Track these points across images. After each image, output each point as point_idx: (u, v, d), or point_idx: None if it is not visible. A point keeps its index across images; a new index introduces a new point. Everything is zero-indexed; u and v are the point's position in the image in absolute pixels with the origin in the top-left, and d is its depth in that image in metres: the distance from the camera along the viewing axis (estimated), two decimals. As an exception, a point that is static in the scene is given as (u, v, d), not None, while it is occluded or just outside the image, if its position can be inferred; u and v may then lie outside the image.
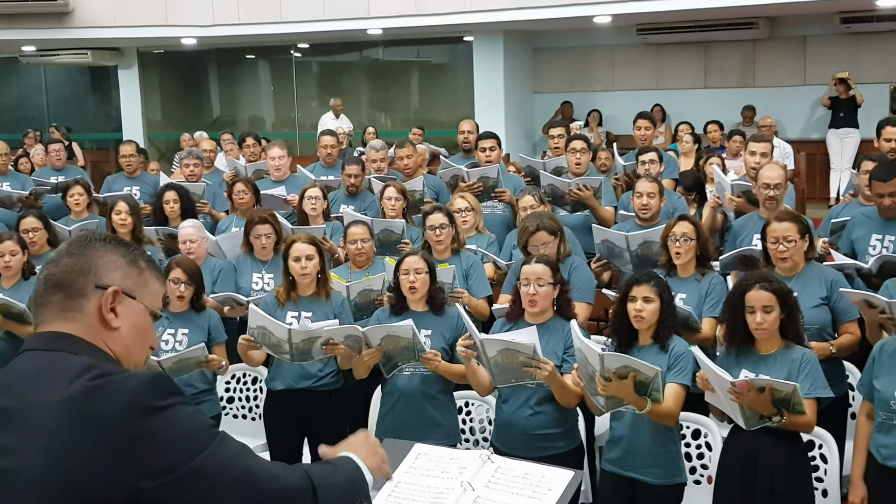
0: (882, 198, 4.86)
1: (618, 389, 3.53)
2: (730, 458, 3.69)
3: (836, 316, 4.32)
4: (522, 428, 3.83)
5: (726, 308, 3.78)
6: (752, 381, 3.42)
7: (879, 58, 12.21)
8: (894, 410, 3.45)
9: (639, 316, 3.73)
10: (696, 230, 4.57)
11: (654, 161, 6.34)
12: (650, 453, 3.68)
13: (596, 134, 12.89)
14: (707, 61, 13.48)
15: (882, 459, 3.50)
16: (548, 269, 3.93)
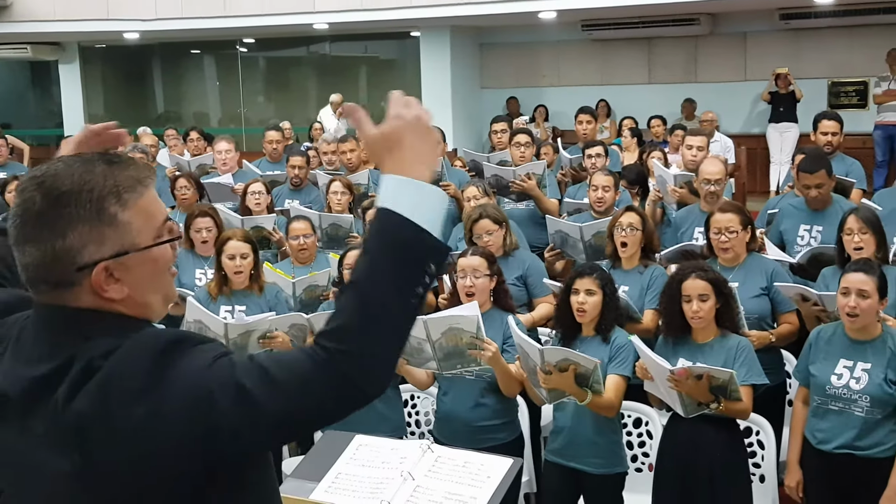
0: (809, 189, 4.99)
1: (559, 382, 3.58)
2: (670, 446, 3.75)
3: (775, 306, 4.41)
4: (464, 420, 3.84)
5: (663, 297, 3.84)
6: (690, 369, 3.48)
7: (818, 54, 12.45)
8: (829, 395, 3.53)
9: (581, 309, 3.78)
10: (643, 221, 4.64)
11: (600, 155, 6.41)
12: (592, 443, 3.73)
13: (542, 129, 12.98)
14: (651, 57, 13.63)
15: (817, 443, 3.58)
16: (483, 261, 3.95)
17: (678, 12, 12.38)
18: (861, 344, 3.53)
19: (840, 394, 3.51)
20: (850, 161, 6.07)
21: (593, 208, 5.57)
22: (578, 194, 6.34)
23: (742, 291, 4.29)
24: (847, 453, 3.48)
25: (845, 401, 3.50)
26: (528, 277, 4.80)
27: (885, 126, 10.88)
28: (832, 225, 4.88)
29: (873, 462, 3.44)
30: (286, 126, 11.50)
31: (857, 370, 3.48)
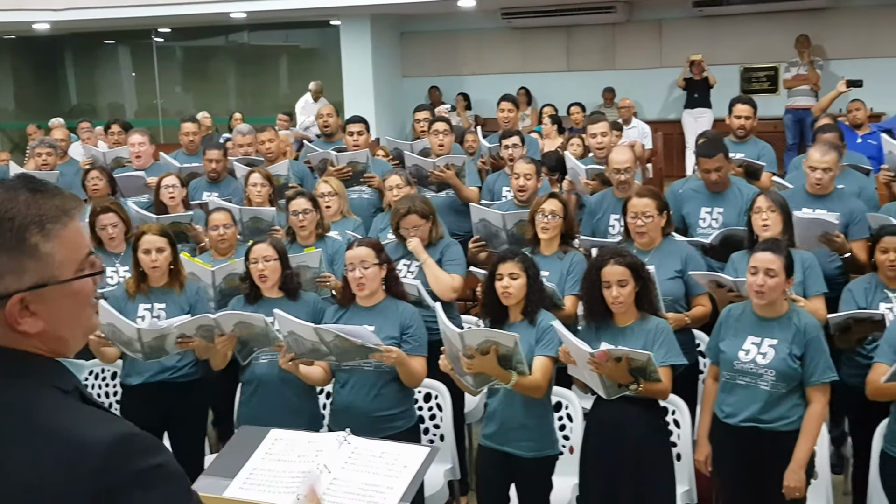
0: (708, 173, 5.12)
1: (482, 365, 3.61)
2: (595, 429, 3.82)
3: (688, 289, 4.52)
4: (363, 410, 3.84)
5: (584, 284, 3.90)
6: (609, 352, 3.55)
7: (731, 41, 12.72)
8: (737, 370, 3.63)
9: (506, 292, 3.81)
10: (564, 208, 4.70)
11: (516, 144, 6.46)
12: (524, 427, 3.77)
13: (464, 117, 13.02)
14: (570, 45, 13.76)
15: (724, 417, 3.68)
16: (371, 251, 3.96)
17: (595, 0, 12.52)
18: (768, 321, 3.63)
19: (747, 368, 3.61)
20: (762, 144, 6.22)
21: (515, 197, 5.61)
22: (497, 183, 6.38)
23: (658, 274, 4.36)
24: (753, 426, 3.58)
25: (752, 375, 3.59)
26: (443, 258, 4.87)
27: (794, 110, 11.18)
28: (733, 206, 5.03)
29: (778, 435, 3.55)
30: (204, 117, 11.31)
31: (764, 346, 3.59)
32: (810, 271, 4.37)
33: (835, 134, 5.65)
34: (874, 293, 4.14)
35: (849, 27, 12.17)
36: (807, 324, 3.59)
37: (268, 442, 2.49)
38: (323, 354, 3.81)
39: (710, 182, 5.18)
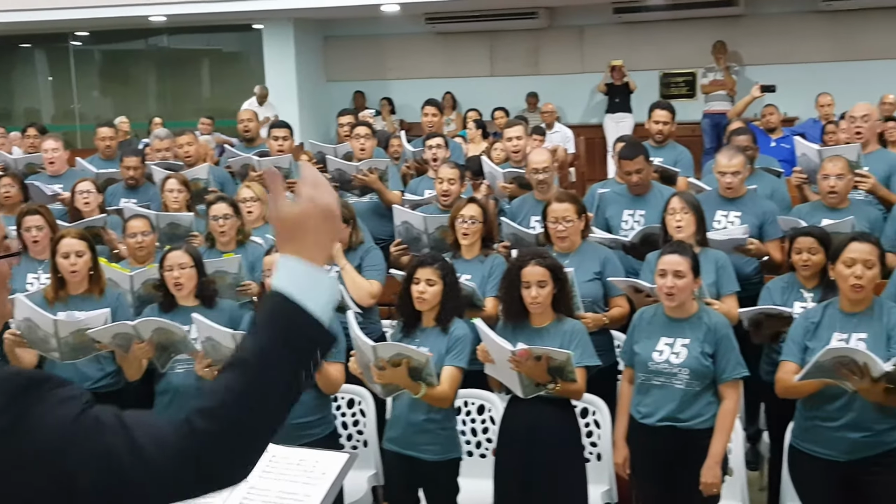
0: (629, 175, 5.22)
1: (392, 377, 3.65)
2: (510, 429, 3.86)
3: (607, 290, 4.59)
4: None
5: (503, 284, 3.94)
6: (531, 350, 3.59)
7: (650, 47, 12.94)
8: (651, 371, 3.70)
9: (421, 297, 3.82)
10: (483, 213, 4.74)
11: (440, 145, 6.47)
12: (427, 431, 3.80)
13: (389, 122, 13.01)
14: (493, 50, 13.86)
15: (640, 419, 3.74)
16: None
17: (518, 6, 12.65)
18: (680, 322, 3.71)
19: (661, 369, 3.67)
20: (680, 149, 6.34)
21: (439, 201, 5.63)
22: (420, 187, 6.39)
23: (577, 276, 4.44)
24: (669, 425, 3.65)
25: (666, 375, 3.66)
26: (363, 263, 4.88)
27: (712, 115, 11.43)
28: (654, 208, 5.13)
29: (694, 433, 3.62)
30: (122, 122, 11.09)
31: (677, 346, 3.66)
32: (723, 271, 4.48)
33: (747, 137, 5.80)
34: (790, 292, 4.25)
35: (763, 34, 12.50)
36: (717, 322, 3.67)
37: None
38: None
39: (632, 184, 5.27)
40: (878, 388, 3.27)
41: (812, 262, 4.15)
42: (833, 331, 3.50)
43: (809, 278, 4.20)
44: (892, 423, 3.42)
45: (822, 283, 4.14)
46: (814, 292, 4.18)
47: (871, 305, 3.50)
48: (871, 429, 3.41)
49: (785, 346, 3.67)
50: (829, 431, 3.47)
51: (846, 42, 12.24)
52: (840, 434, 3.44)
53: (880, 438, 3.41)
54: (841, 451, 3.45)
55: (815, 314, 3.62)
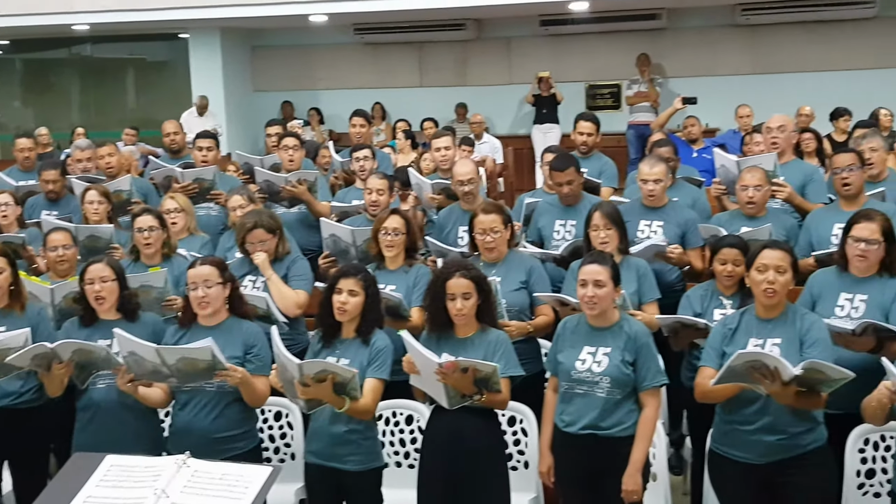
0: (560, 186, 5.29)
1: (317, 392, 3.64)
2: (434, 438, 3.87)
3: (533, 299, 4.64)
4: (203, 432, 3.79)
5: (428, 295, 3.95)
6: (458, 362, 3.61)
7: (576, 58, 13.15)
8: (574, 379, 3.74)
9: (342, 308, 3.83)
10: (406, 224, 4.75)
11: (367, 157, 6.47)
12: (349, 442, 3.79)
13: (318, 132, 12.97)
14: (422, 61, 13.92)
15: (564, 427, 3.77)
16: (214, 270, 3.91)
17: (446, 17, 12.73)
18: (601, 330, 3.76)
19: (584, 378, 3.72)
20: (604, 160, 6.45)
21: (368, 212, 5.63)
22: (347, 197, 6.39)
23: (503, 286, 4.51)
24: (591, 433, 3.69)
25: (588, 384, 3.71)
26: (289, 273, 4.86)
27: (636, 125, 11.64)
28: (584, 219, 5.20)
29: (616, 441, 3.67)
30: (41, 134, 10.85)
31: (599, 354, 3.71)
32: (644, 279, 4.57)
33: (669, 148, 5.93)
34: (710, 300, 4.35)
35: (685, 47, 12.79)
36: (637, 331, 3.73)
37: (102, 469, 2.42)
38: (164, 376, 3.72)
39: (562, 195, 5.34)
40: (790, 392, 3.35)
41: (736, 273, 4.26)
42: (749, 336, 3.59)
43: (729, 287, 4.30)
44: (806, 425, 3.51)
45: (740, 291, 4.25)
46: (733, 300, 4.28)
47: (786, 311, 3.60)
48: (786, 432, 3.49)
49: (703, 352, 3.76)
50: (745, 435, 3.54)
51: (764, 55, 12.61)
52: (756, 437, 3.52)
53: (795, 441, 3.50)
54: (758, 454, 3.52)
55: (732, 320, 3.71)
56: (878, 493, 3.90)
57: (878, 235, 3.97)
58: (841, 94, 10.78)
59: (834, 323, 3.84)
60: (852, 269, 4.06)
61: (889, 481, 3.77)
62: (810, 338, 3.50)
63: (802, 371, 3.29)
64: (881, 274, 4.02)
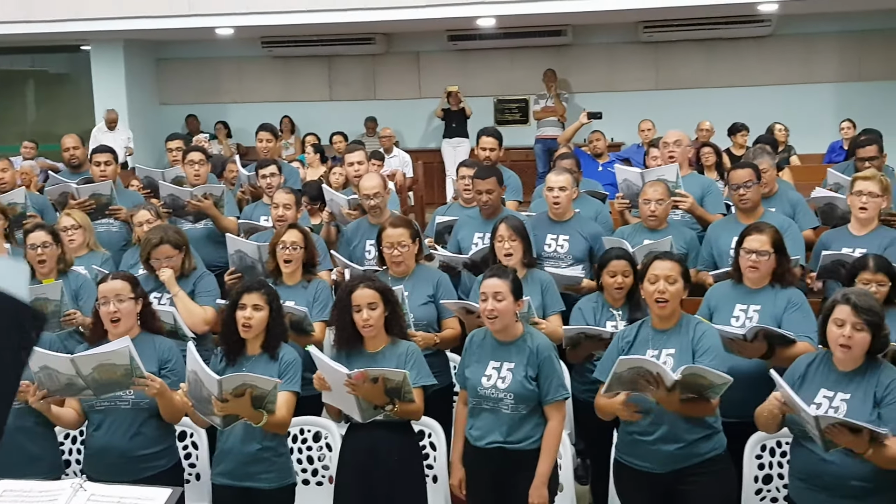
0: (480, 194, 5.34)
1: (235, 407, 3.58)
2: (349, 455, 3.85)
3: (440, 313, 4.65)
4: (120, 451, 3.72)
5: (335, 311, 3.93)
6: (367, 372, 3.59)
7: (484, 73, 13.31)
8: (481, 395, 3.76)
9: (247, 324, 3.78)
10: (305, 238, 4.73)
11: (273, 174, 6.42)
12: (262, 460, 3.75)
13: (226, 146, 12.80)
14: (332, 74, 13.89)
15: (473, 441, 3.79)
16: (127, 285, 3.85)
17: (355, 31, 12.73)
18: (506, 345, 3.78)
19: (489, 394, 3.74)
20: (508, 173, 6.50)
21: (274, 227, 5.57)
22: (255, 213, 6.32)
23: (412, 300, 4.51)
24: (499, 447, 3.71)
25: (494, 400, 3.73)
26: (196, 289, 4.82)
27: (543, 140, 11.83)
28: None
29: (523, 454, 3.69)
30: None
31: (503, 370, 3.74)
32: (548, 291, 4.63)
33: (571, 161, 6.04)
34: (601, 312, 4.43)
35: (590, 62, 13.07)
36: (539, 345, 3.75)
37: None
38: (79, 389, 3.60)
39: (482, 204, 5.38)
40: (675, 398, 3.41)
41: (625, 285, 4.36)
42: (646, 347, 3.65)
43: (618, 299, 4.39)
44: (703, 433, 3.56)
45: (628, 302, 4.36)
46: (622, 311, 4.38)
47: (680, 322, 3.67)
48: (683, 440, 3.54)
49: (599, 365, 3.83)
50: (645, 445, 3.60)
51: (666, 72, 12.97)
52: (656, 447, 3.57)
53: (694, 450, 3.55)
54: (658, 464, 3.58)
55: (629, 333, 3.76)
56: (774, 497, 4.02)
57: (769, 247, 4.12)
58: (739, 110, 11.16)
59: (726, 329, 3.95)
60: (746, 280, 4.19)
61: (785, 486, 3.89)
62: (702, 346, 3.56)
63: (682, 376, 3.35)
64: (773, 285, 4.17)
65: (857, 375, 3.31)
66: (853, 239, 4.86)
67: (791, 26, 12.39)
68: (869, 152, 5.89)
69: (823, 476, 3.30)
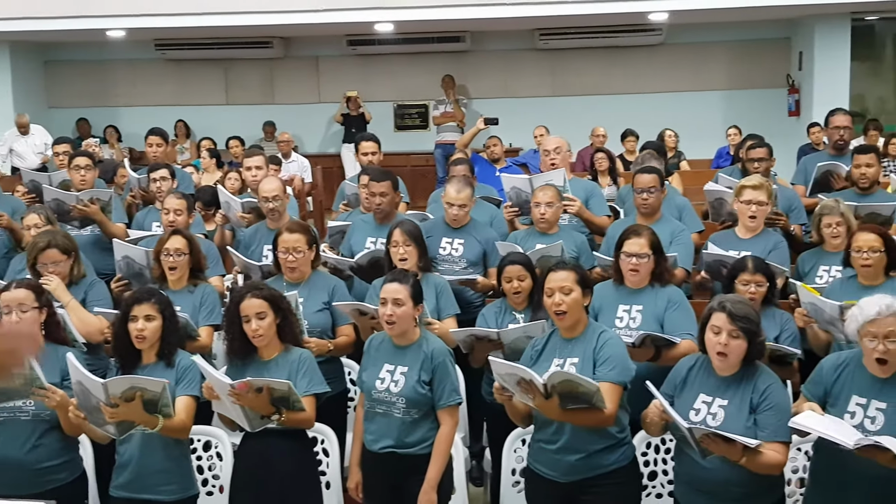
0: (374, 196, 5.35)
1: (127, 413, 3.51)
2: (243, 465, 3.82)
3: (335, 319, 4.63)
4: (19, 464, 3.61)
5: (225, 320, 3.88)
6: (250, 382, 3.56)
7: (384, 78, 13.30)
8: (375, 399, 3.77)
9: (141, 336, 3.72)
10: (189, 244, 4.69)
11: (164, 178, 6.29)
12: (164, 471, 3.69)
13: (117, 150, 12.50)
14: (228, 78, 13.69)
15: (369, 445, 3.79)
16: (30, 293, 3.78)
17: (252, 35, 12.56)
18: (402, 349, 3.79)
19: (383, 397, 3.74)
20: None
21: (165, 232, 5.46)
22: (147, 219, 6.18)
23: (307, 307, 4.48)
24: (392, 452, 3.72)
25: (387, 404, 3.74)
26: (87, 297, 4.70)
27: (443, 145, 11.89)
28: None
29: (417, 458, 3.70)
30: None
31: (397, 374, 3.74)
32: (442, 295, 4.66)
33: (465, 167, 6.09)
34: (504, 315, 4.47)
35: (488, 69, 13.20)
36: (434, 349, 3.76)
37: None
38: None
39: (376, 209, 5.37)
40: (552, 405, 3.43)
41: (523, 288, 4.40)
42: (553, 356, 3.65)
43: (519, 302, 4.44)
44: (605, 443, 3.54)
45: (531, 305, 4.41)
46: (524, 314, 4.42)
47: (585, 331, 3.66)
48: (585, 450, 3.53)
49: None
50: (550, 453, 3.60)
51: (562, 78, 13.20)
52: (559, 456, 3.57)
53: (596, 461, 3.54)
54: (561, 472, 3.58)
55: (540, 341, 3.77)
56: (660, 493, 4.13)
57: (647, 249, 4.23)
58: (632, 116, 11.45)
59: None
60: (627, 282, 4.29)
61: (670, 482, 3.99)
62: (602, 355, 3.55)
63: (557, 383, 3.36)
64: (653, 285, 4.28)
65: (735, 381, 3.39)
66: (739, 242, 5.03)
67: (681, 36, 12.76)
68: (759, 153, 6.14)
69: (704, 481, 3.38)
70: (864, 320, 3.31)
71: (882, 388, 3.33)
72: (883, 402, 3.31)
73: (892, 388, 3.32)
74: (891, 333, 3.26)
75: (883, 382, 3.33)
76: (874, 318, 3.28)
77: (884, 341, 3.26)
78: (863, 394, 3.35)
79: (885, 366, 3.31)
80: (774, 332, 4.23)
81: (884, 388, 3.33)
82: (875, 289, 4.16)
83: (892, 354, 3.28)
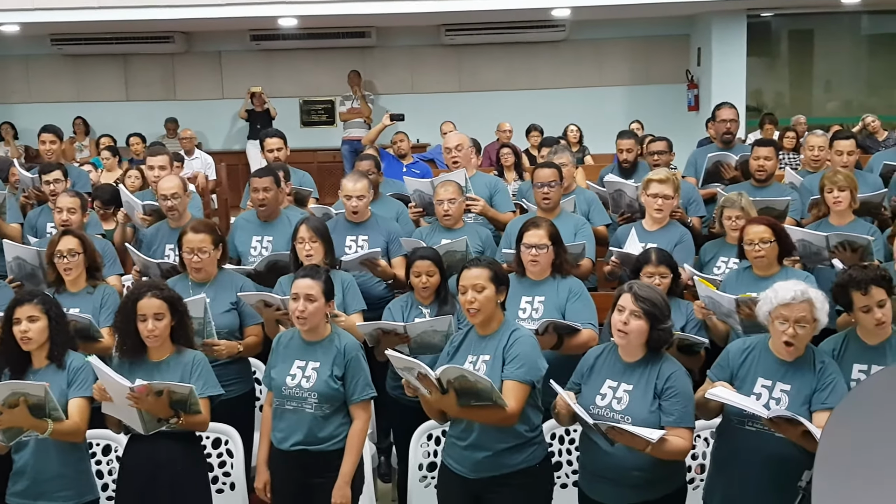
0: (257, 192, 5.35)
1: (12, 419, 3.43)
2: (131, 467, 3.73)
3: (243, 319, 4.56)
4: None
5: (118, 318, 3.78)
6: (151, 385, 3.49)
7: (288, 73, 13.17)
8: (285, 395, 3.73)
9: (25, 338, 3.63)
10: (83, 243, 4.57)
11: (58, 179, 6.08)
12: (60, 476, 3.62)
13: (13, 148, 12.08)
14: (128, 74, 13.38)
15: (277, 443, 3.76)
16: None
17: (152, 30, 12.29)
18: (313, 345, 3.77)
19: (294, 394, 3.71)
20: (301, 174, 6.58)
21: None
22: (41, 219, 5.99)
23: (213, 308, 4.39)
24: (302, 449, 3.69)
25: (298, 400, 3.71)
26: None
27: (350, 141, 11.82)
28: (282, 235, 5.23)
29: (328, 455, 3.68)
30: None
31: (308, 369, 3.72)
32: (349, 290, 4.64)
33: (370, 162, 6.06)
34: (410, 309, 4.47)
35: (394, 64, 13.19)
36: (346, 344, 3.75)
37: None
38: None
39: (258, 203, 5.32)
40: (450, 401, 3.43)
41: (431, 283, 4.41)
42: (468, 353, 3.63)
43: (426, 297, 4.45)
44: (512, 443, 3.52)
45: (437, 299, 4.42)
46: (431, 308, 4.44)
47: (499, 330, 3.62)
48: (492, 449, 3.52)
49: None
50: (460, 449, 3.60)
51: (468, 74, 13.28)
52: (468, 452, 3.57)
53: (502, 460, 3.52)
54: (469, 469, 3.57)
55: (458, 337, 3.75)
56: (564, 483, 4.18)
57: (546, 240, 4.28)
58: (537, 112, 11.58)
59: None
60: (528, 273, 4.34)
61: (575, 472, 4.06)
62: (511, 354, 3.53)
63: (453, 378, 3.36)
64: (554, 276, 4.34)
65: (640, 367, 3.45)
66: (645, 234, 5.13)
67: (583, 32, 12.96)
68: (659, 146, 6.26)
69: (608, 468, 3.43)
70: (777, 303, 3.44)
71: (787, 371, 3.48)
72: (787, 384, 3.46)
73: (796, 371, 3.47)
74: (801, 318, 3.40)
75: (788, 366, 3.48)
76: (788, 303, 3.41)
77: (794, 325, 3.41)
78: (768, 376, 3.50)
79: (791, 349, 3.45)
80: (681, 322, 4.34)
81: (788, 371, 3.48)
82: (770, 279, 4.27)
83: (799, 339, 3.43)
